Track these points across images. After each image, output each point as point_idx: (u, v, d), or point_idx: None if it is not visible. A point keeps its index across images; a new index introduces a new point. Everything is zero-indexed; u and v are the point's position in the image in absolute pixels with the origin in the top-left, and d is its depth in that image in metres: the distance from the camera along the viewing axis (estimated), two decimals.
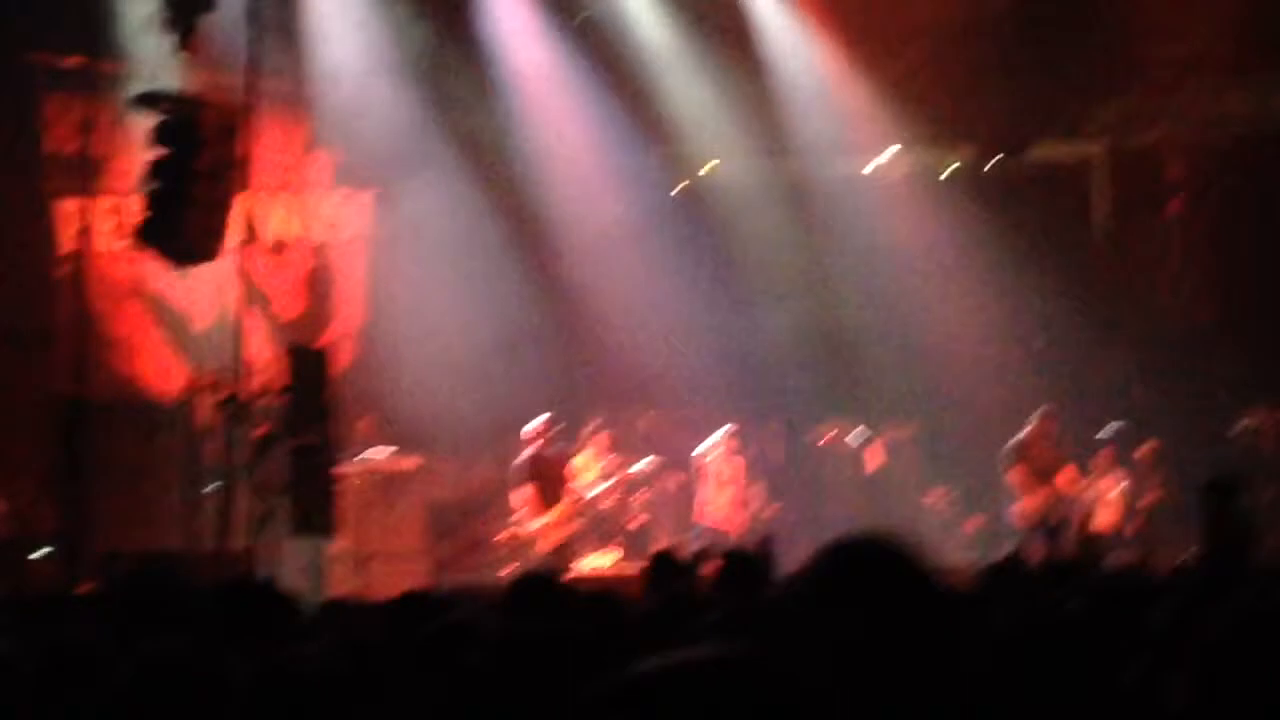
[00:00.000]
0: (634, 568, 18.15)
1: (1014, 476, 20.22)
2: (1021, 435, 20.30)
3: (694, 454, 21.01)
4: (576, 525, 19.57)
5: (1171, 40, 21.84)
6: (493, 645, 3.76)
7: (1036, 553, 11.29)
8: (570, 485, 19.63)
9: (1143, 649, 5.81)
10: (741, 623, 4.93)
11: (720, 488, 20.98)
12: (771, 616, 4.53)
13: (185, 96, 16.27)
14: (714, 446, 20.97)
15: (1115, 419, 21.68)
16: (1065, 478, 20.30)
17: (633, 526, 20.75)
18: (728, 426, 21.02)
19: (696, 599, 8.89)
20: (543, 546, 19.25)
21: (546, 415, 19.54)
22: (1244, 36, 21.43)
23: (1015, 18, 21.64)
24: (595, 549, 21.06)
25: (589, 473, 21.36)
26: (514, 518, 19.67)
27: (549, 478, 19.39)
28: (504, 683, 3.67)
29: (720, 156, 24.08)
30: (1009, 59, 22.05)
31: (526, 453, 19.44)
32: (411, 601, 6.94)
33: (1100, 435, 21.24)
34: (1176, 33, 21.72)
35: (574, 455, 20.76)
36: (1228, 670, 4.02)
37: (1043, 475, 20.24)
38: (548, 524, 19.29)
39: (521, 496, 19.43)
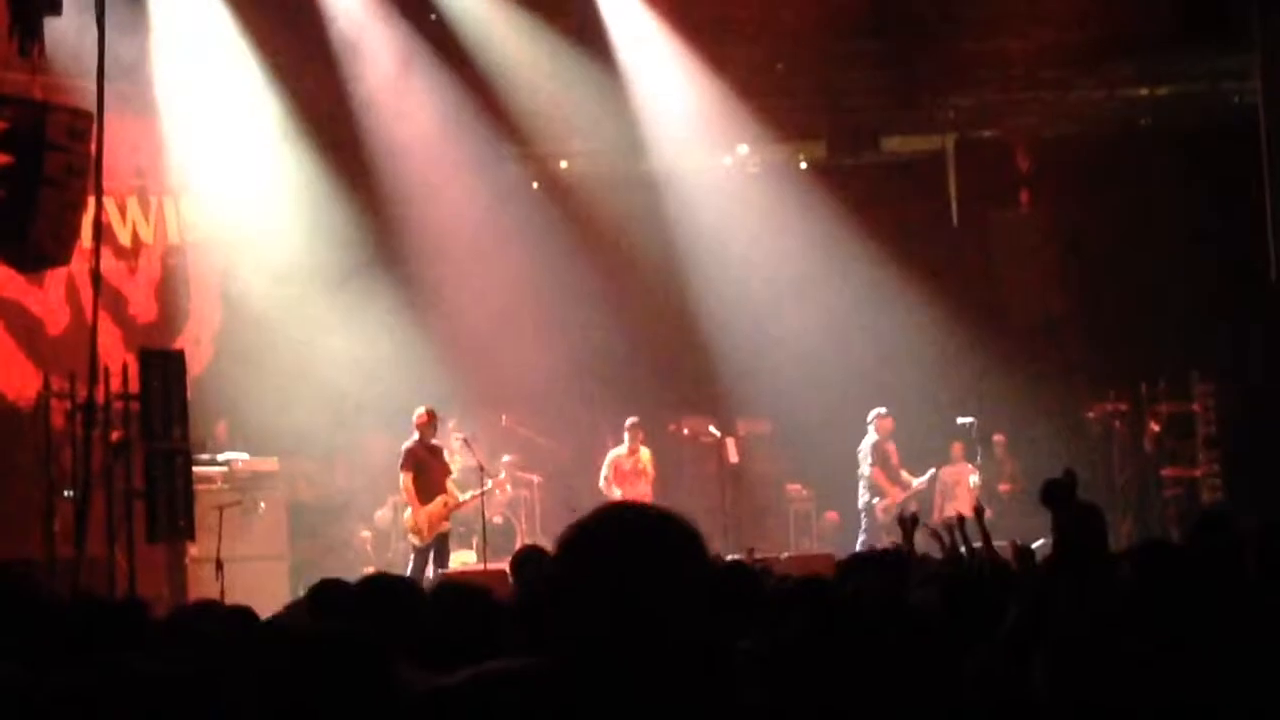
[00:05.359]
0: (493, 565, 18.17)
1: (876, 475, 21.05)
2: (873, 438, 21.10)
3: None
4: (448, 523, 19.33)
5: (1019, 33, 22.09)
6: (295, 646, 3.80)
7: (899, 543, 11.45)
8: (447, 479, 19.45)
9: (994, 639, 5.94)
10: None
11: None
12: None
13: (31, 101, 16.03)
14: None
15: (971, 410, 21.96)
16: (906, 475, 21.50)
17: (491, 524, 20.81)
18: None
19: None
20: (421, 536, 19.02)
21: (427, 406, 19.32)
22: (1090, 29, 21.72)
23: (865, 11, 21.76)
24: (455, 547, 21.08)
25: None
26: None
27: (428, 468, 19.20)
28: (308, 686, 3.70)
29: (576, 154, 24.14)
30: (860, 52, 22.27)
31: (407, 442, 19.29)
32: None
33: (959, 422, 21.66)
34: (1023, 26, 21.97)
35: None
36: (1079, 663, 4.18)
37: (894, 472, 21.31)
38: (428, 514, 19.04)
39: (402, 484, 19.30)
